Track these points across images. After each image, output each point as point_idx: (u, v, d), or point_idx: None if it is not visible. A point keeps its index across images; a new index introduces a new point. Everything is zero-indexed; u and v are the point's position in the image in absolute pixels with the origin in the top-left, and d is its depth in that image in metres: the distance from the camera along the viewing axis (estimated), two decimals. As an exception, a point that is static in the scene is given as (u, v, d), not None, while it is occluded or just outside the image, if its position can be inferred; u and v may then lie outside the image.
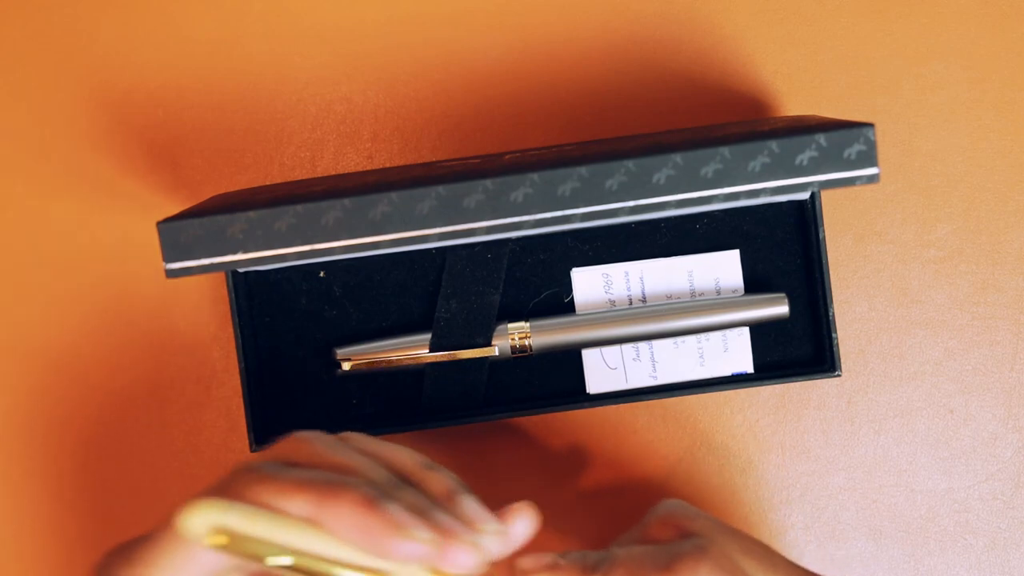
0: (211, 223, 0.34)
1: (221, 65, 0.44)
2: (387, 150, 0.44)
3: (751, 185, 0.34)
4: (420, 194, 0.34)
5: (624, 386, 0.41)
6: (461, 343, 0.40)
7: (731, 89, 0.44)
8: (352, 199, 0.34)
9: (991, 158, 0.43)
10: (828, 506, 0.43)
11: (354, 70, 0.45)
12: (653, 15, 0.44)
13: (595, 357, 0.41)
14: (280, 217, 0.34)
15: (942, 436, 0.43)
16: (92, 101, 0.44)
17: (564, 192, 0.34)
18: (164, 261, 0.34)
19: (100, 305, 0.44)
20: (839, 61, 0.44)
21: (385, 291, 0.41)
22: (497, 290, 0.40)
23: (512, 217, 0.34)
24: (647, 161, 0.34)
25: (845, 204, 0.44)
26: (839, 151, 0.34)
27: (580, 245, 0.41)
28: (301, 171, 0.44)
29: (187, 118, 0.44)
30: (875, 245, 0.44)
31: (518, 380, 0.41)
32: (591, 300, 0.41)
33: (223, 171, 0.44)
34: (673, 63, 0.44)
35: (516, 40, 0.44)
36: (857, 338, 0.43)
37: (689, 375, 0.41)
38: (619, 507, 0.43)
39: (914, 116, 0.44)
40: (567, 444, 0.43)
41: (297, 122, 0.45)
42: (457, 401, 0.40)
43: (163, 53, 0.45)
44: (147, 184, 0.44)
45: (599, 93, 0.44)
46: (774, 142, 0.34)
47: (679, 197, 0.34)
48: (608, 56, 0.44)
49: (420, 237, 0.34)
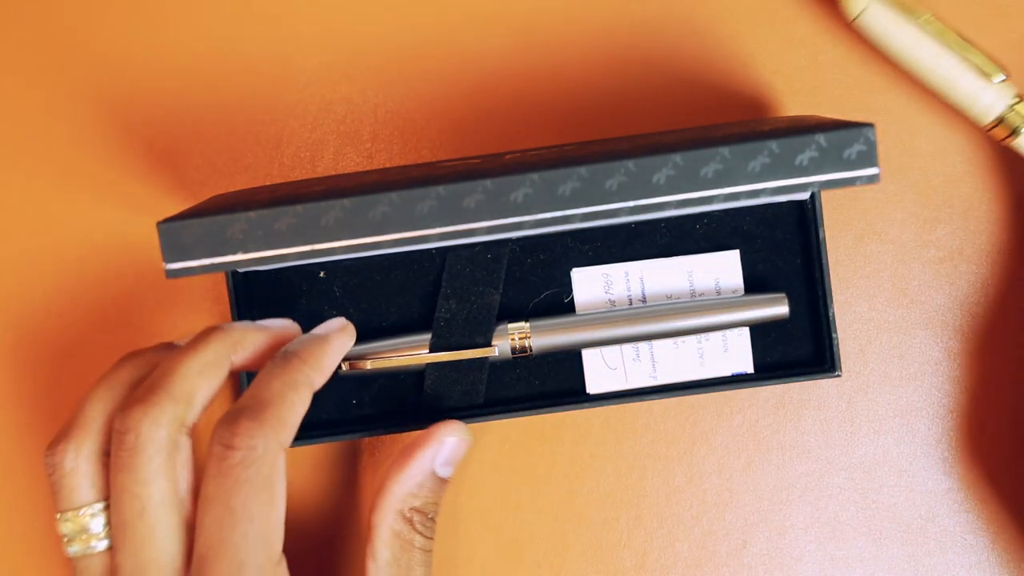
0: (211, 223, 0.34)
1: (221, 65, 0.44)
2: (387, 150, 0.44)
3: (751, 185, 0.34)
4: (420, 194, 0.34)
5: (624, 386, 0.41)
6: (461, 343, 0.40)
7: (731, 89, 0.44)
8: (352, 199, 0.34)
9: (991, 158, 0.43)
10: (828, 506, 0.43)
11: (354, 70, 0.45)
12: (653, 15, 0.44)
13: (595, 357, 0.41)
14: (280, 217, 0.34)
15: (942, 436, 0.43)
16: (92, 101, 0.44)
17: (564, 192, 0.34)
18: (164, 261, 0.34)
19: (100, 305, 0.44)
20: (839, 61, 0.44)
21: (385, 291, 0.41)
22: (497, 290, 0.40)
23: (512, 217, 0.34)
24: (647, 161, 0.34)
25: (845, 204, 0.44)
26: (839, 151, 0.34)
27: (580, 245, 0.41)
28: (301, 171, 0.44)
29: (187, 118, 0.44)
30: (875, 245, 0.44)
31: (518, 380, 0.41)
32: (591, 300, 0.41)
33: (223, 171, 0.44)
34: (673, 63, 0.44)
35: (516, 40, 0.44)
36: (857, 338, 0.43)
37: (689, 375, 0.41)
38: (619, 507, 0.43)
39: (914, 116, 0.44)
40: (567, 444, 0.43)
41: (297, 122, 0.44)
42: (457, 401, 0.40)
43: (163, 53, 0.45)
44: (147, 184, 0.44)
45: (599, 93, 0.44)
46: (774, 142, 0.34)
47: (679, 197, 0.34)
48: (609, 56, 0.44)
49: (420, 237, 0.34)
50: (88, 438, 0.35)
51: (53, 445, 0.35)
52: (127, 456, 0.33)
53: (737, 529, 0.43)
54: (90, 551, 0.34)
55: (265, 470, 0.32)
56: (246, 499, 0.32)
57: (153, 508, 0.33)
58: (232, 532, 0.32)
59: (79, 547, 0.34)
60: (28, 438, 0.44)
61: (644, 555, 0.43)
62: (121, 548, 0.33)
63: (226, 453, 0.32)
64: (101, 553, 0.34)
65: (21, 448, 0.44)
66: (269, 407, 0.33)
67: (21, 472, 0.44)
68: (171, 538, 0.33)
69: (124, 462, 0.33)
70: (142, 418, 0.33)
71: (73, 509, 0.34)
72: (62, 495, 0.35)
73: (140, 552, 0.33)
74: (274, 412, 0.33)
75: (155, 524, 0.33)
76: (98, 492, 0.35)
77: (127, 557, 0.33)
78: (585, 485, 0.43)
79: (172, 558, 0.33)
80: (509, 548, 0.43)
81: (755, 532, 0.43)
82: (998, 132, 0.41)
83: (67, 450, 0.35)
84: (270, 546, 0.32)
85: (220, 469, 0.32)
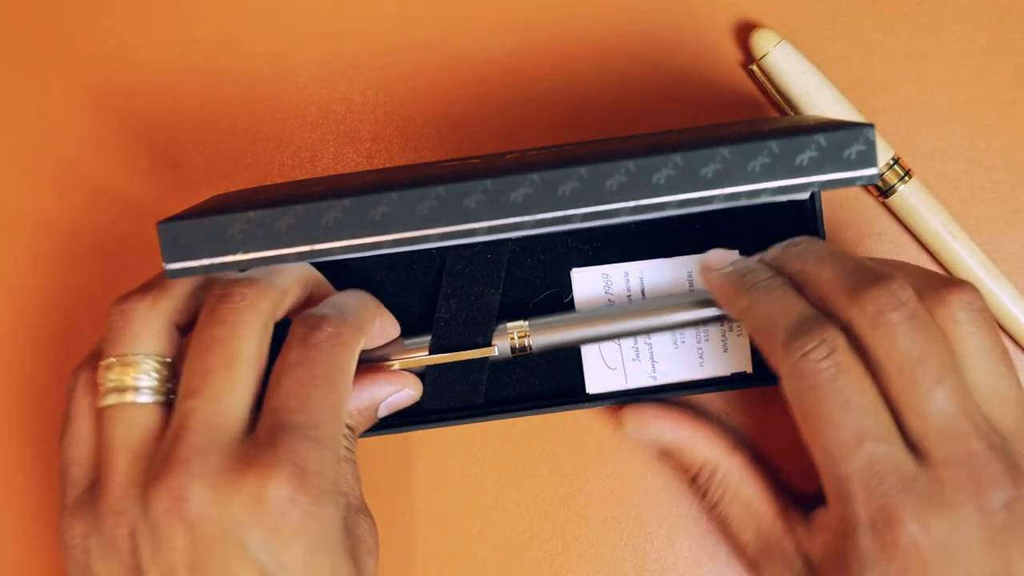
0: (211, 223, 0.34)
1: (221, 65, 0.44)
2: (387, 150, 0.44)
3: (751, 186, 0.34)
4: (420, 194, 0.34)
5: (624, 386, 0.41)
6: (461, 343, 0.40)
7: (731, 89, 0.44)
8: (352, 199, 0.34)
9: (991, 158, 0.43)
10: (828, 506, 0.43)
11: (354, 70, 0.45)
12: (653, 15, 0.44)
13: (595, 357, 0.41)
14: (280, 217, 0.34)
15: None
16: (92, 101, 0.44)
17: (564, 192, 0.34)
18: (164, 262, 0.34)
19: (101, 306, 0.44)
20: (839, 61, 0.44)
21: (385, 291, 0.41)
22: (497, 290, 0.40)
23: (512, 217, 0.34)
24: (647, 161, 0.34)
25: (845, 204, 0.44)
26: (839, 151, 0.34)
27: (580, 245, 0.41)
28: (301, 171, 0.44)
29: (187, 118, 0.44)
30: (875, 245, 0.44)
31: (518, 380, 0.41)
32: (591, 300, 0.41)
33: (223, 171, 0.44)
34: (673, 63, 0.44)
35: (516, 40, 0.44)
36: (857, 338, 0.43)
37: (689, 375, 0.41)
38: (619, 507, 0.43)
39: (914, 116, 0.44)
40: (567, 444, 0.44)
41: (297, 122, 0.45)
42: (457, 401, 0.40)
43: (163, 53, 0.45)
44: (147, 184, 0.44)
45: (599, 93, 0.44)
46: (774, 142, 0.34)
47: (679, 197, 0.34)
48: (609, 56, 0.44)
49: (420, 237, 0.34)
50: (168, 299, 0.34)
51: (127, 296, 0.34)
52: (227, 312, 0.33)
53: (737, 529, 0.43)
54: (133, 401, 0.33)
55: (346, 355, 0.34)
56: (330, 369, 0.33)
57: (243, 361, 0.33)
58: (314, 392, 0.33)
59: (118, 396, 0.33)
60: (28, 439, 0.44)
61: (644, 555, 0.43)
62: (198, 394, 0.32)
63: (312, 333, 0.33)
64: (145, 406, 0.33)
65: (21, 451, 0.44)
66: (349, 312, 0.35)
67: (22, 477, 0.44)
68: (249, 393, 0.33)
69: (222, 316, 0.33)
70: (249, 288, 0.34)
71: (130, 353, 0.33)
72: (124, 339, 0.34)
73: (220, 399, 0.32)
74: (354, 316, 0.35)
75: (240, 377, 0.33)
76: (163, 348, 0.34)
77: (204, 402, 0.32)
78: (585, 485, 0.43)
79: (245, 414, 0.33)
80: (509, 548, 0.43)
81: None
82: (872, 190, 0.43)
83: (143, 302, 0.34)
84: (341, 421, 0.34)
85: (306, 343, 0.33)
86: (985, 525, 0.31)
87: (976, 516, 0.31)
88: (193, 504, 0.31)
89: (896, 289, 0.32)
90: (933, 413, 0.32)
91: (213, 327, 0.33)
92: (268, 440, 0.32)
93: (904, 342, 0.32)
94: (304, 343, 0.34)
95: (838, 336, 0.33)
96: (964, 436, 0.31)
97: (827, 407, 0.32)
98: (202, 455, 0.31)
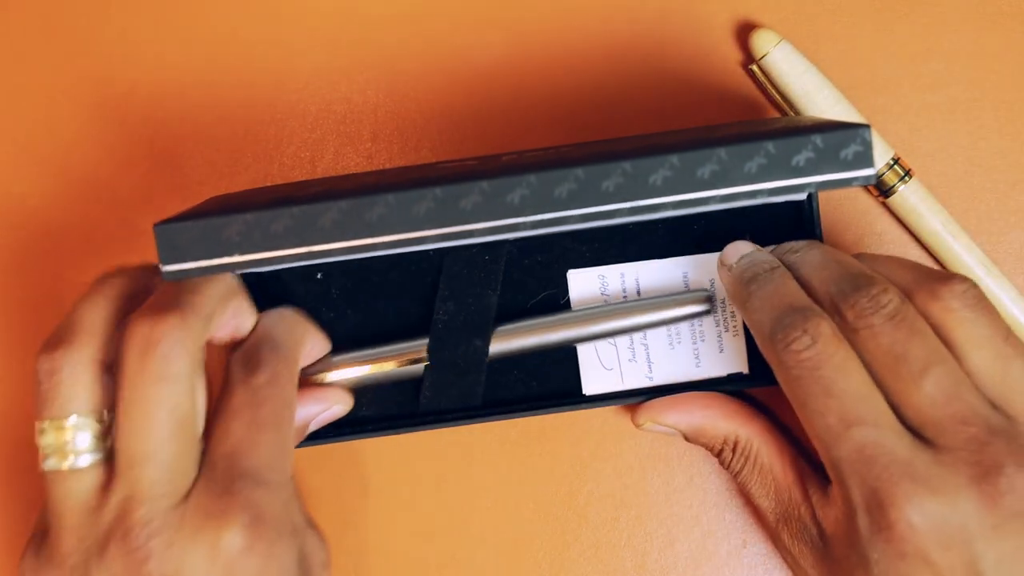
0: (207, 225, 0.34)
1: (221, 65, 0.45)
2: (387, 150, 0.44)
3: (748, 186, 0.34)
4: (417, 196, 0.34)
5: (620, 387, 0.41)
6: (459, 344, 0.40)
7: (731, 89, 0.44)
8: (349, 201, 0.34)
9: (991, 158, 0.43)
10: (827, 507, 0.43)
11: (354, 70, 0.45)
12: (653, 15, 0.44)
13: (591, 358, 0.41)
14: (277, 219, 0.34)
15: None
16: (92, 101, 0.45)
17: (561, 194, 0.34)
18: (160, 264, 0.34)
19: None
20: (839, 61, 0.44)
21: (382, 293, 0.41)
22: (495, 291, 0.40)
23: (509, 219, 0.34)
24: (643, 162, 0.34)
25: (845, 204, 0.43)
26: (835, 152, 0.34)
27: (577, 246, 0.41)
28: (301, 171, 0.44)
29: (187, 118, 0.44)
30: (875, 245, 0.43)
31: (515, 381, 0.41)
32: (587, 301, 0.41)
33: (223, 171, 0.44)
34: (673, 63, 0.44)
35: (516, 40, 0.44)
36: (857, 338, 0.43)
37: (685, 376, 0.41)
38: (619, 507, 0.43)
39: (914, 116, 0.44)
40: (566, 444, 0.44)
41: (297, 122, 0.45)
42: (455, 403, 0.40)
43: (163, 53, 0.45)
44: (147, 184, 0.44)
45: (597, 94, 0.44)
46: (770, 143, 0.34)
47: (676, 198, 0.34)
48: (607, 57, 0.44)
49: (417, 239, 0.34)
50: (89, 345, 0.33)
51: (49, 349, 0.33)
52: (156, 362, 0.32)
53: (737, 529, 0.43)
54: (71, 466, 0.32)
55: (289, 390, 0.35)
56: (274, 411, 0.34)
57: (181, 413, 0.32)
58: (262, 435, 0.33)
59: (57, 462, 0.32)
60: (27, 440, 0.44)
61: (644, 555, 0.43)
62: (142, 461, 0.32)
63: (254, 374, 0.34)
64: (85, 470, 0.32)
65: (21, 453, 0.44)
66: (284, 346, 0.36)
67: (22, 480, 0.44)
68: (193, 443, 0.33)
69: (152, 369, 0.32)
70: (173, 329, 0.33)
71: (63, 417, 0.32)
72: (54, 401, 0.33)
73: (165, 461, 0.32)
74: (288, 349, 0.36)
75: (180, 430, 0.32)
76: (95, 403, 0.33)
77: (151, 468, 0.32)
78: (585, 485, 0.43)
79: (192, 463, 0.33)
80: (509, 549, 0.43)
81: (755, 532, 0.43)
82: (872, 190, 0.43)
83: (68, 355, 0.33)
84: (290, 457, 0.34)
85: (246, 387, 0.34)
86: (989, 510, 0.31)
87: (978, 501, 0.31)
88: (153, 564, 0.31)
89: (877, 294, 0.33)
90: (924, 402, 0.32)
91: (145, 387, 0.32)
92: (222, 488, 0.32)
93: (885, 340, 0.33)
94: (247, 384, 0.34)
95: (821, 325, 0.33)
96: (961, 422, 0.32)
97: (812, 396, 0.33)
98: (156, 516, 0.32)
